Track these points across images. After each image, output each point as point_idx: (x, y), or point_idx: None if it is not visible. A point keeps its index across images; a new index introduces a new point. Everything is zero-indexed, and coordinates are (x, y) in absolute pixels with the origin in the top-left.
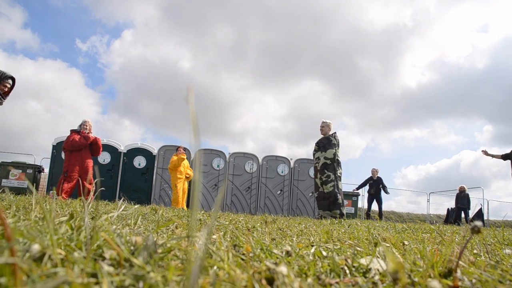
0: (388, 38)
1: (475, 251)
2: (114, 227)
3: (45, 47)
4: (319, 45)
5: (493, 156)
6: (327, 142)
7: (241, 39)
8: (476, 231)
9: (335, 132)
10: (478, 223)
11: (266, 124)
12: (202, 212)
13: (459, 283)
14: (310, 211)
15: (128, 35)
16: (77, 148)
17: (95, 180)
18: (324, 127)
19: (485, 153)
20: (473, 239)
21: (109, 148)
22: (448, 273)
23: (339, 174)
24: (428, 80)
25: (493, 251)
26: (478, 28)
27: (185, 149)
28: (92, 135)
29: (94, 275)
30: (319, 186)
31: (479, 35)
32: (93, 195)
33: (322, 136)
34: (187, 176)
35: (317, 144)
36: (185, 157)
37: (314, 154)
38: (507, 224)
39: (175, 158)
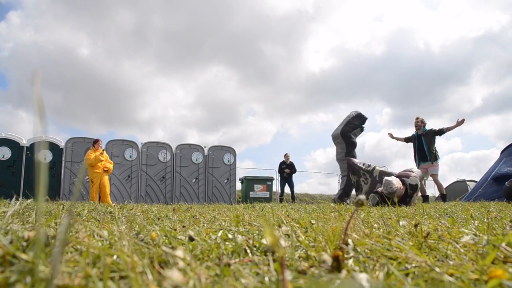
0: (291, 23)
1: (375, 225)
2: (9, 225)
3: None
4: (222, 30)
5: (397, 139)
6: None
7: (143, 24)
8: (360, 204)
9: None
10: (362, 197)
11: (175, 112)
12: (114, 204)
13: (341, 252)
14: (226, 198)
15: (15, 17)
16: None
17: None
18: None
19: (391, 136)
20: (375, 215)
21: (9, 143)
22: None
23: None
24: (331, 66)
25: (391, 224)
26: (374, 17)
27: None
28: None
29: None
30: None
31: (376, 23)
32: None
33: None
34: (106, 169)
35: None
36: (103, 158)
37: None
38: None
39: (91, 155)
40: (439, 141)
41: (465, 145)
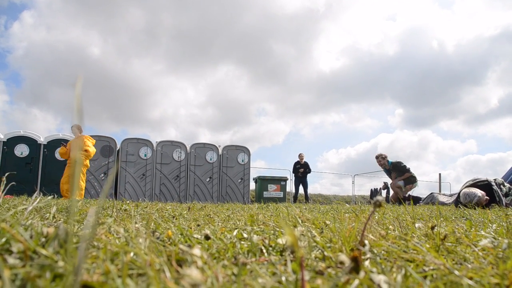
0: (301, 22)
1: (390, 227)
2: (28, 220)
3: None
4: (232, 29)
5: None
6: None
7: (153, 22)
8: (378, 205)
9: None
10: (380, 197)
11: (186, 111)
12: (129, 202)
13: (359, 253)
14: (239, 198)
15: (28, 17)
16: None
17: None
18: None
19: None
20: (390, 216)
21: (27, 140)
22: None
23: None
24: (342, 65)
25: (406, 226)
26: (387, 16)
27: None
28: None
29: None
30: None
31: (388, 23)
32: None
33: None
34: (85, 151)
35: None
36: (64, 151)
37: None
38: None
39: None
40: (453, 143)
41: (480, 147)
